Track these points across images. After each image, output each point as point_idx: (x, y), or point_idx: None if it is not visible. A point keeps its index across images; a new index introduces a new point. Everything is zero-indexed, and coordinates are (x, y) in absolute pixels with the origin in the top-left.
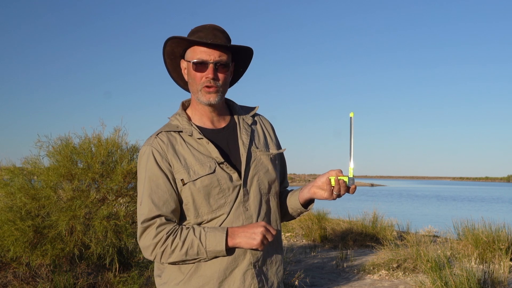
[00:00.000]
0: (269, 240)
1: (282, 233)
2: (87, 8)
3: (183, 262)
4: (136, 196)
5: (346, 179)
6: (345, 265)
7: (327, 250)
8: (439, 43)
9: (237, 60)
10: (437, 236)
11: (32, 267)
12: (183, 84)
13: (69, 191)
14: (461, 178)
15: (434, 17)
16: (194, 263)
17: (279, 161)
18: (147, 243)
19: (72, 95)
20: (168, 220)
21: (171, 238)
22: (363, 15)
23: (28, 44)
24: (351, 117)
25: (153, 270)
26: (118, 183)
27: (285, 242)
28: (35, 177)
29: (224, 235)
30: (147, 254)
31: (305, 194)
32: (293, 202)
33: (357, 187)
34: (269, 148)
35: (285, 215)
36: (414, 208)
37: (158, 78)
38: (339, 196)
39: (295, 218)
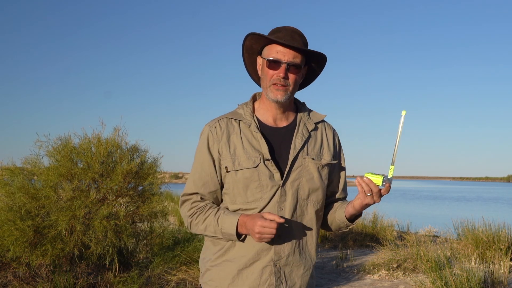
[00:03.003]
0: (268, 235)
1: None
2: (87, 9)
3: (205, 235)
4: (136, 196)
5: (377, 178)
6: (345, 265)
7: (327, 250)
8: (440, 43)
9: (310, 65)
10: (437, 236)
11: (32, 267)
12: (257, 79)
13: (69, 191)
14: (461, 178)
15: (431, 18)
16: (218, 239)
17: (336, 172)
18: (183, 214)
19: (72, 95)
20: (203, 199)
21: (197, 213)
22: (363, 16)
23: (28, 44)
24: (402, 115)
25: (153, 270)
26: (118, 183)
27: None
28: (35, 177)
29: (236, 221)
30: (185, 223)
31: (349, 209)
32: (339, 215)
33: (390, 187)
34: (322, 157)
35: (331, 227)
36: (414, 208)
37: (158, 78)
38: (377, 195)
39: (344, 230)
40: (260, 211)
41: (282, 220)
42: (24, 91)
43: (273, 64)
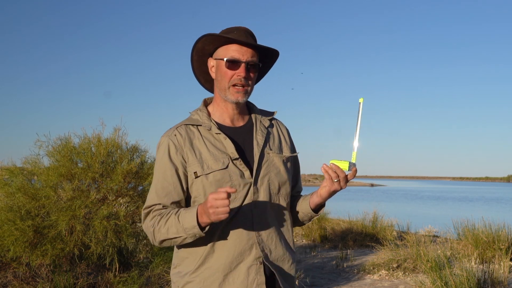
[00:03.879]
0: (222, 208)
1: None
2: (87, 9)
3: (170, 240)
4: (136, 196)
5: (343, 163)
6: (345, 265)
7: (327, 250)
8: (440, 44)
9: (261, 62)
10: (437, 236)
11: (32, 267)
12: (204, 82)
13: (69, 191)
14: (461, 178)
15: (431, 18)
16: (183, 243)
17: (292, 165)
18: (146, 227)
19: (72, 95)
20: (165, 208)
21: (158, 218)
22: (364, 16)
23: (28, 44)
24: (360, 103)
25: (153, 270)
26: (118, 183)
27: None
28: (35, 177)
29: (195, 212)
30: (150, 238)
31: (315, 199)
32: (304, 207)
33: (354, 182)
34: (282, 151)
35: (296, 221)
36: (414, 208)
37: (158, 78)
38: (344, 181)
39: (307, 223)
40: (236, 212)
41: (233, 190)
42: (24, 91)
43: (232, 64)
